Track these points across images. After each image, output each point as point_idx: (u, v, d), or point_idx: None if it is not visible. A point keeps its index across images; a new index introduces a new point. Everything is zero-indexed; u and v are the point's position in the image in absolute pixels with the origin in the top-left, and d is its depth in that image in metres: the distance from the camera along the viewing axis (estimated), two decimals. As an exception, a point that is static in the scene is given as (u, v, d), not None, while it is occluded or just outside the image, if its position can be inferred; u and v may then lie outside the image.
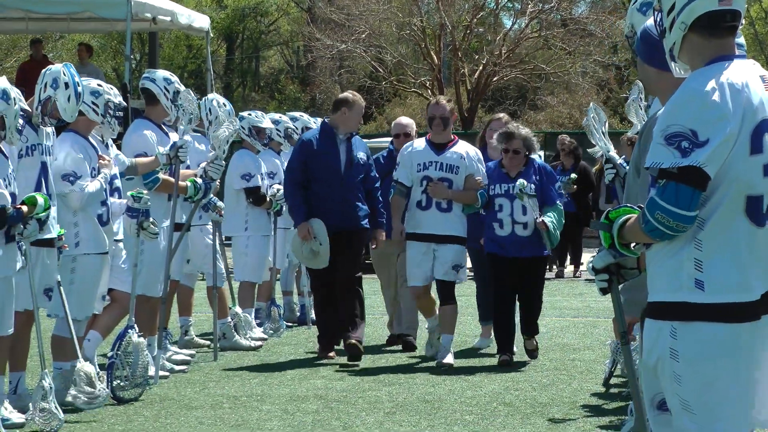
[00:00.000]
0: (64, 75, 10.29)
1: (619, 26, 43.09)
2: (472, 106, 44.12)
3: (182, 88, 12.63)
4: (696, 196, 5.24)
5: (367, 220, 13.91)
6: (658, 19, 5.61)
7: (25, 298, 10.24)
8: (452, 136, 13.97)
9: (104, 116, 11.18)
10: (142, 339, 11.41)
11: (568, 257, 25.00)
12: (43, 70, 10.52)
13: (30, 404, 10.15)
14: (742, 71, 5.40)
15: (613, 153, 10.82)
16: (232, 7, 53.57)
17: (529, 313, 13.64)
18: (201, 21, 25.94)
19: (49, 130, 10.57)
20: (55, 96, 10.23)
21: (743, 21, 5.57)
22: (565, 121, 45.76)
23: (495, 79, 45.22)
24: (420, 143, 13.90)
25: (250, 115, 15.11)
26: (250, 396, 11.33)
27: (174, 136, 12.53)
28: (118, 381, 11.22)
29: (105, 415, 10.74)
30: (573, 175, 23.43)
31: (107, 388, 11.16)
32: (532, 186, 13.18)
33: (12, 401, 10.41)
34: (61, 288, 10.58)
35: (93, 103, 11.09)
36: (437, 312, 13.82)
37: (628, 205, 5.65)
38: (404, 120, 15.48)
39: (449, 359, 13.33)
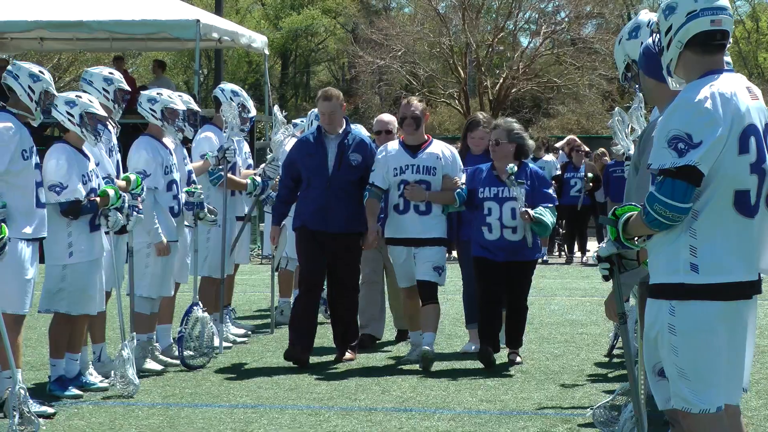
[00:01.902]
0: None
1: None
2: (494, 114, 44.05)
3: (248, 101, 12.67)
4: (690, 191, 5.30)
5: (357, 223, 11.64)
6: (657, 40, 5.65)
7: (105, 279, 10.26)
8: (426, 137, 11.85)
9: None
10: (205, 314, 11.42)
11: (576, 244, 24.91)
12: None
13: (111, 371, 10.18)
14: (730, 83, 5.47)
15: (633, 151, 10.62)
16: (287, 29, 53.57)
17: (514, 323, 11.72)
18: (259, 41, 25.95)
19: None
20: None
21: (730, 40, 5.61)
22: (573, 127, 45.57)
23: (513, 90, 45.37)
24: (394, 146, 11.81)
25: (302, 121, 14.99)
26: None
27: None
28: (188, 351, 11.24)
29: (177, 380, 10.76)
30: (590, 174, 23.55)
31: (179, 358, 11.21)
32: (522, 190, 11.30)
33: (97, 368, 10.44)
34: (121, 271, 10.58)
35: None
36: (419, 328, 11.76)
37: (632, 203, 5.72)
38: (386, 117, 13.22)
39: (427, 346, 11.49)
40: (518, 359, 11.61)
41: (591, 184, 23.59)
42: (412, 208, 11.59)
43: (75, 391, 10.01)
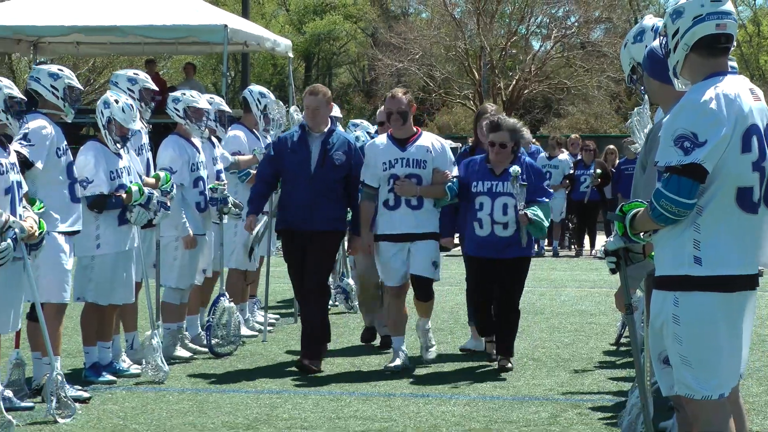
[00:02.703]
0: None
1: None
2: (507, 114, 44.09)
3: (273, 101, 12.66)
4: (695, 187, 5.30)
5: (338, 222, 10.85)
6: (663, 43, 5.63)
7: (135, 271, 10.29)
8: (415, 129, 10.85)
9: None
10: (232, 304, 11.42)
11: (587, 238, 24.86)
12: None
13: (143, 359, 10.20)
14: (734, 84, 5.46)
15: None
16: (310, 33, 53.58)
17: (506, 328, 10.81)
18: (284, 44, 25.96)
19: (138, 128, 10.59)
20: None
21: (734, 44, 5.60)
22: (582, 126, 45.54)
23: (525, 92, 45.37)
24: (382, 140, 10.90)
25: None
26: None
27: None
28: (216, 339, 11.24)
29: (206, 367, 10.76)
30: (598, 170, 23.53)
31: (207, 346, 11.23)
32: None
33: (129, 355, 10.45)
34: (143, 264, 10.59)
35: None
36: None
37: (639, 200, 5.72)
38: None
39: (431, 354, 10.99)
40: (509, 364, 10.66)
41: (600, 179, 23.57)
42: (404, 203, 10.66)
43: (108, 377, 10.03)
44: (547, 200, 10.74)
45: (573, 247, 24.83)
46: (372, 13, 52.65)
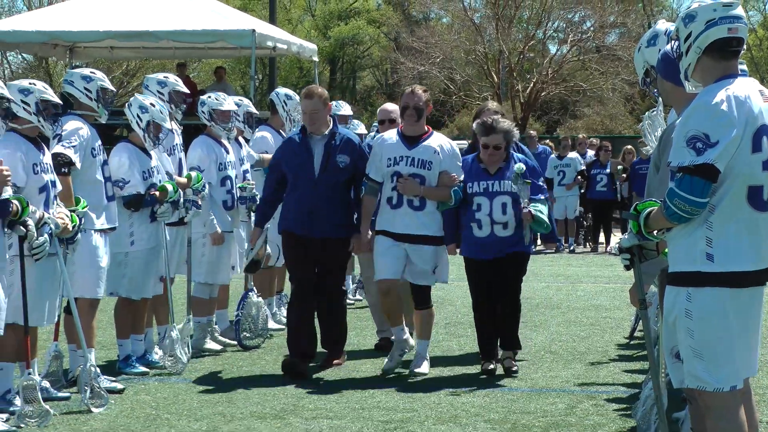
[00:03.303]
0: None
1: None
2: (525, 115, 44.23)
3: (298, 103, 12.61)
4: (707, 187, 5.29)
5: (344, 229, 10.21)
6: (675, 46, 5.62)
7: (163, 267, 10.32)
8: (426, 128, 10.16)
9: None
10: (260, 299, 11.43)
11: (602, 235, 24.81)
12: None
13: (165, 352, 10.23)
14: (744, 86, 5.46)
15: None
16: (335, 38, 53.61)
17: (508, 322, 10.18)
18: (310, 49, 25.98)
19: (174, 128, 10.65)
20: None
21: (744, 47, 5.59)
22: (598, 127, 45.47)
23: (542, 94, 45.37)
24: (391, 135, 10.20)
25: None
26: (348, 344, 11.28)
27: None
28: (244, 333, 11.26)
29: (234, 359, 10.77)
30: (620, 167, 23.48)
31: (236, 339, 11.24)
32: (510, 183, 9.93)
33: (162, 348, 10.46)
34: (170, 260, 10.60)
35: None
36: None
37: (652, 199, 5.71)
38: (389, 106, 11.60)
39: (424, 368, 10.04)
40: (514, 367, 10.07)
41: (624, 175, 23.45)
42: (406, 202, 9.97)
43: (141, 369, 10.05)
44: (543, 197, 10.06)
45: (588, 243, 24.79)
46: (394, 18, 52.64)
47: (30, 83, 8.64)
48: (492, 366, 9.98)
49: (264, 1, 47.64)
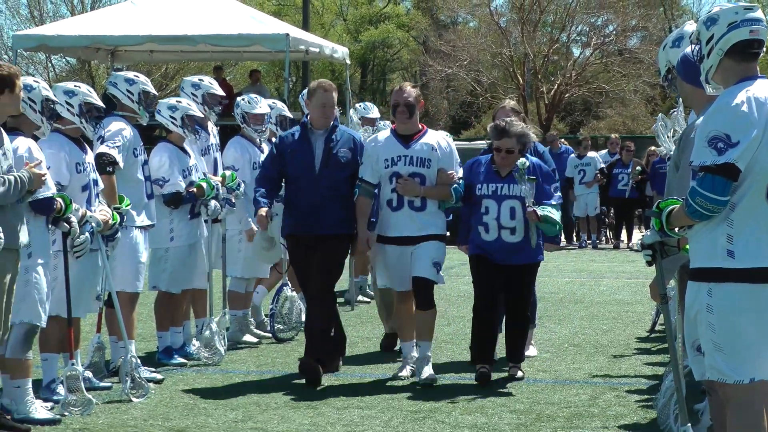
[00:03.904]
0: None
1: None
2: (549, 116, 44.21)
3: None
4: (728, 186, 5.26)
5: (346, 224, 9.50)
6: (696, 50, 5.58)
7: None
8: (420, 126, 9.53)
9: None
10: (294, 293, 11.43)
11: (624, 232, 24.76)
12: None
13: (203, 344, 10.25)
14: (764, 88, 5.45)
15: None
16: (366, 41, 53.61)
17: (515, 336, 9.50)
18: (341, 52, 25.97)
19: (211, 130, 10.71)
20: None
21: (764, 49, 5.55)
22: (620, 128, 45.30)
23: (566, 95, 45.27)
24: (384, 134, 9.60)
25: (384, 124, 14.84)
26: (373, 336, 11.29)
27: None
28: (278, 326, 11.27)
29: (269, 351, 10.79)
30: (638, 168, 23.42)
31: (270, 332, 11.25)
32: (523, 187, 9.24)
33: (200, 341, 10.48)
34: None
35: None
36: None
37: (674, 197, 5.69)
38: None
39: (427, 371, 9.25)
40: (519, 373, 9.44)
41: (640, 176, 23.43)
42: (406, 203, 9.33)
43: (180, 360, 10.08)
44: (555, 203, 9.32)
45: (610, 240, 24.76)
46: (423, 23, 52.60)
47: (75, 86, 8.68)
48: (486, 370, 9.17)
49: (298, 6, 47.70)
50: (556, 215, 9.22)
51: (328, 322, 9.60)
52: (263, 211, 9.53)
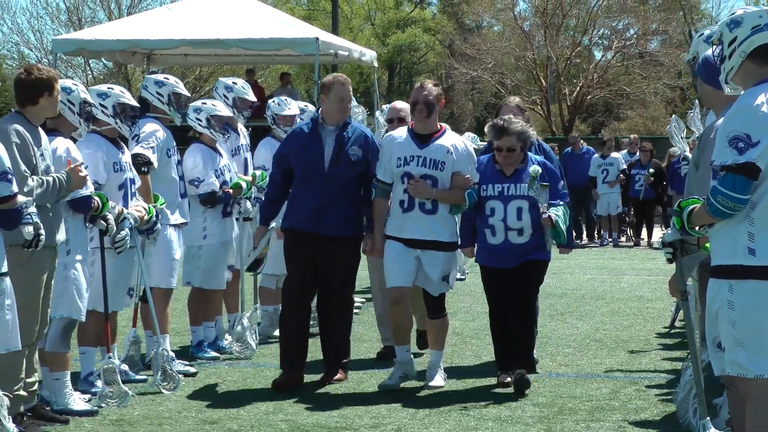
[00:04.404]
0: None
1: (683, 58, 42.73)
2: (571, 118, 44.15)
3: (354, 105, 12.48)
4: (749, 185, 5.22)
5: (354, 226, 8.96)
6: (718, 51, 5.54)
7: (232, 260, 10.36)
8: (439, 126, 8.87)
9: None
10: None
11: (644, 230, 24.68)
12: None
13: (235, 338, 10.26)
14: None
15: (688, 153, 10.33)
16: (393, 45, 53.58)
17: (520, 337, 8.79)
18: (369, 55, 25.97)
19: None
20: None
21: None
22: (640, 129, 45.14)
23: (588, 97, 45.19)
24: (401, 133, 8.91)
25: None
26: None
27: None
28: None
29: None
30: (651, 170, 23.35)
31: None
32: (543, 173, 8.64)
33: (232, 335, 10.49)
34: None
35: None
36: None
37: (694, 196, 5.66)
38: (399, 104, 10.09)
39: (438, 381, 8.83)
40: (528, 380, 8.72)
41: (652, 178, 23.41)
42: (417, 205, 8.71)
43: (212, 354, 10.10)
44: (562, 203, 8.77)
45: (632, 238, 24.73)
46: (449, 27, 52.55)
47: (108, 88, 8.71)
48: (508, 379, 8.76)
49: (327, 11, 47.73)
50: (563, 221, 8.67)
51: (345, 329, 9.07)
52: (262, 230, 9.17)
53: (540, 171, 8.55)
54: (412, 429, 7.55)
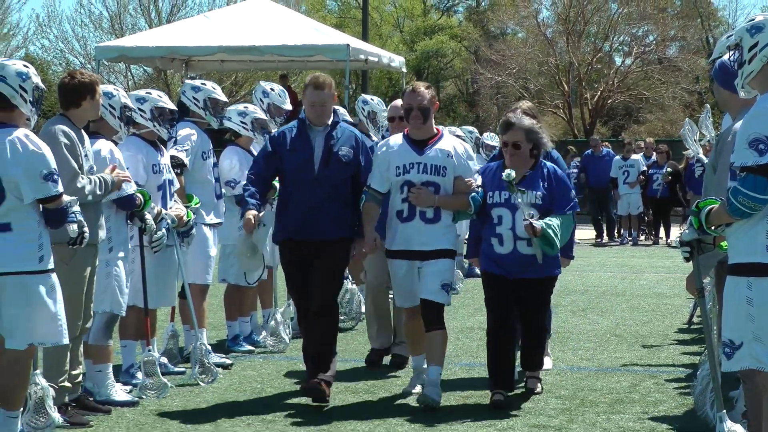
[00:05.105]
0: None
1: (700, 63, 42.59)
2: (592, 121, 44.04)
3: (378, 107, 12.17)
4: None
5: (347, 228, 8.15)
6: (736, 56, 5.51)
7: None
8: (435, 130, 8.11)
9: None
10: (354, 286, 11.45)
11: (662, 229, 24.59)
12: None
13: (269, 332, 10.27)
14: None
15: (701, 155, 10.32)
16: (421, 51, 53.52)
17: (531, 344, 8.23)
18: (398, 61, 25.95)
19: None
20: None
21: None
22: (659, 131, 44.96)
23: (609, 101, 45.03)
24: (397, 140, 8.12)
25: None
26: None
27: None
28: (341, 316, 11.27)
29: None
30: (668, 169, 23.30)
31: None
32: (537, 194, 7.84)
33: (266, 330, 10.50)
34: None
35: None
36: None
37: (711, 197, 5.65)
38: (400, 102, 8.86)
39: (431, 394, 7.87)
40: (538, 387, 8.27)
41: (669, 178, 23.38)
42: (419, 214, 7.93)
43: (248, 347, 10.12)
44: (569, 212, 7.92)
45: (651, 237, 24.70)
46: (474, 34, 52.47)
47: (146, 92, 8.74)
48: (501, 398, 7.89)
49: (357, 19, 47.74)
50: (557, 230, 7.75)
51: (328, 345, 8.18)
52: (251, 214, 8.09)
53: (513, 175, 7.65)
54: (443, 409, 7.54)
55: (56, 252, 6.71)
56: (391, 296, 9.32)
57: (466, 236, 9.02)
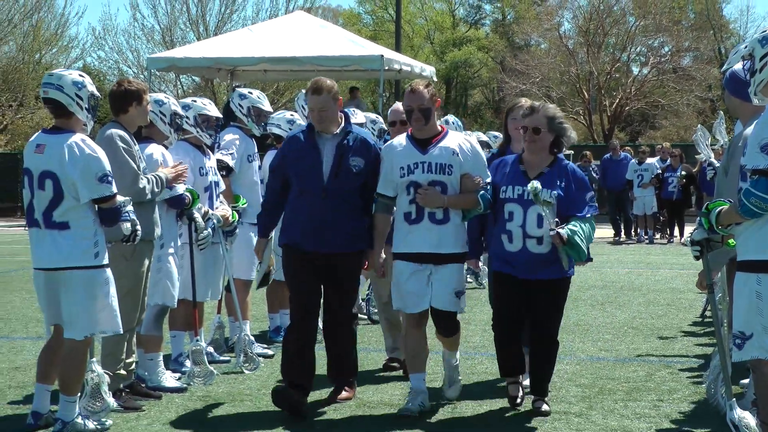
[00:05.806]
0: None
1: (713, 72, 42.37)
2: (611, 127, 43.93)
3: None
4: None
5: (358, 240, 7.38)
6: (749, 66, 5.50)
7: None
8: (439, 128, 7.32)
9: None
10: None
11: (676, 228, 24.52)
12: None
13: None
14: None
15: (713, 159, 10.26)
16: (450, 61, 53.48)
17: (540, 363, 7.35)
18: (429, 70, 25.93)
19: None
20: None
21: None
22: (674, 137, 44.74)
23: (626, 108, 44.89)
24: (400, 140, 7.34)
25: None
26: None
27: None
28: (373, 309, 11.27)
29: (365, 330, 10.78)
30: (683, 172, 23.24)
31: (366, 314, 11.26)
32: (554, 193, 7.03)
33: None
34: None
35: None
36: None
37: (722, 199, 5.64)
38: (401, 106, 7.99)
39: (453, 391, 7.64)
40: (545, 407, 7.30)
41: (684, 180, 23.36)
42: (427, 216, 7.16)
43: (288, 338, 10.13)
44: (588, 215, 7.16)
45: (666, 236, 24.66)
46: (500, 45, 52.39)
47: (192, 101, 8.77)
48: (519, 392, 7.43)
49: (391, 31, 47.75)
50: (583, 236, 7.05)
51: (348, 353, 7.69)
52: (262, 243, 7.70)
53: (540, 188, 6.97)
54: (466, 393, 7.53)
55: (117, 248, 6.76)
56: None
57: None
